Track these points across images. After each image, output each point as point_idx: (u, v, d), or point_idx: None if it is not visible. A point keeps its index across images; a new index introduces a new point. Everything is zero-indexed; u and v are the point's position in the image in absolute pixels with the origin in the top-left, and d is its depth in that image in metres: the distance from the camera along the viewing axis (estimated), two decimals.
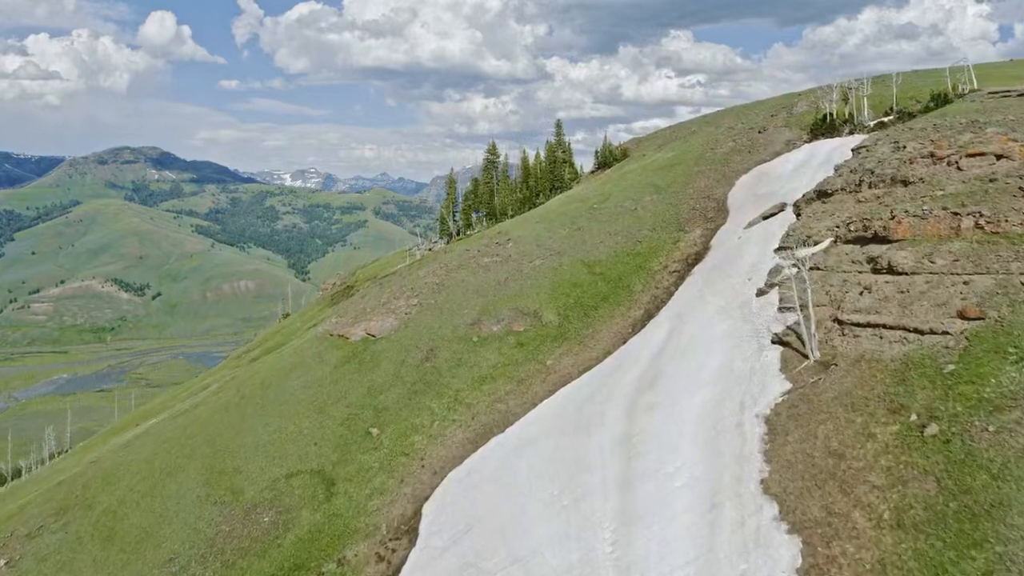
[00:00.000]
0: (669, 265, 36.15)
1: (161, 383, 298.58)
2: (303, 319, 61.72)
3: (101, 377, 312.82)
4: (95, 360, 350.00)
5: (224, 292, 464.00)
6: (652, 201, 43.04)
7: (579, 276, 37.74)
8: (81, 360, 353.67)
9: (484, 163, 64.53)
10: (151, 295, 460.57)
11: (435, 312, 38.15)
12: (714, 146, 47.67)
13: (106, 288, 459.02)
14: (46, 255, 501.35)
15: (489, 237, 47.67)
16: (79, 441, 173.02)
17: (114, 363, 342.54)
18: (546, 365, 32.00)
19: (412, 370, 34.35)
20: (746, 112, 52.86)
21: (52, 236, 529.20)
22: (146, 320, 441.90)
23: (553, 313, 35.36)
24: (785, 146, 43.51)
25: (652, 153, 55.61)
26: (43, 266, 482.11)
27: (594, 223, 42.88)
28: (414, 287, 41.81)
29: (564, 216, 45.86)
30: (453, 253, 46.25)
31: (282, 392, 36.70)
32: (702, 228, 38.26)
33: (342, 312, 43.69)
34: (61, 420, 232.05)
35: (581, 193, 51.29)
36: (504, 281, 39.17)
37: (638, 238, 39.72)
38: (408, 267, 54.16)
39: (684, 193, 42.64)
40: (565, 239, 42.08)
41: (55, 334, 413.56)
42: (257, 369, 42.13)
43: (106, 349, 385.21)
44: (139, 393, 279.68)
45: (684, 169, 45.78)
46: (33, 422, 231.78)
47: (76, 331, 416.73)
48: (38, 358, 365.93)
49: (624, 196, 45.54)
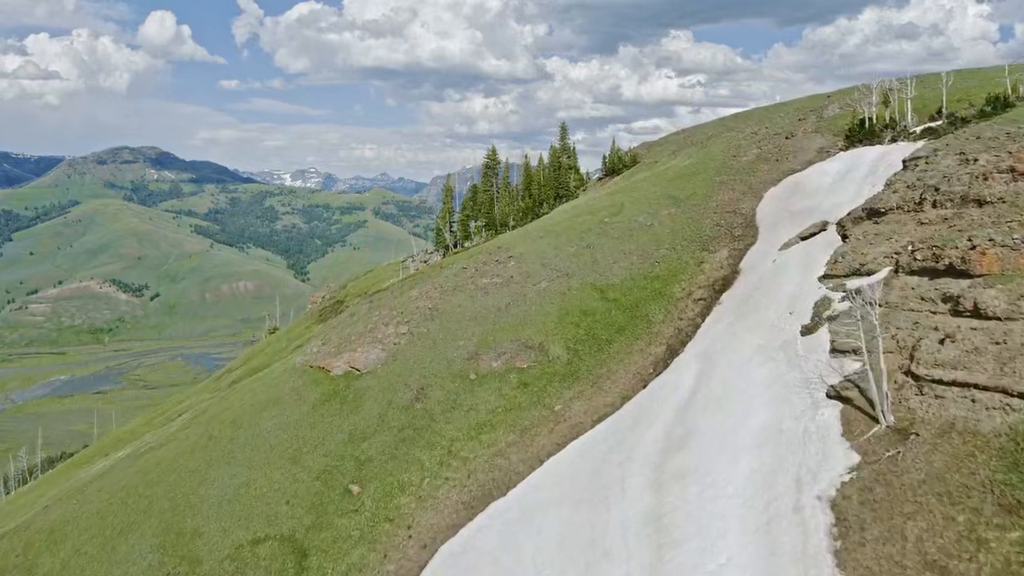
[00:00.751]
0: (693, 292, 31.74)
1: (159, 384, 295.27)
2: (289, 336, 57.40)
3: (99, 378, 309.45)
4: (93, 361, 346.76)
5: (223, 293, 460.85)
6: (670, 216, 38.62)
7: (590, 303, 33.34)
8: (79, 361, 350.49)
9: (483, 169, 60.13)
10: (149, 296, 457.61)
11: (427, 343, 33.76)
12: (736, 153, 43.25)
13: (104, 289, 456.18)
14: (44, 255, 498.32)
15: (488, 252, 43.27)
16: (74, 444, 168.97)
17: (112, 364, 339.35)
18: (554, 411, 27.62)
19: (400, 413, 29.98)
20: (769, 115, 48.44)
21: (50, 236, 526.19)
22: (144, 321, 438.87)
23: (561, 347, 30.97)
24: (818, 154, 39.12)
25: (666, 160, 51.18)
26: (41, 266, 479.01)
27: (605, 240, 38.46)
28: (404, 312, 37.41)
29: (571, 231, 41.45)
30: (448, 272, 41.85)
31: (254, 434, 32.32)
32: (729, 248, 33.84)
33: (324, 338, 39.31)
34: (58, 422, 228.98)
35: (589, 204, 46.86)
36: (505, 307, 34.77)
37: (656, 258, 35.31)
38: (400, 283, 49.78)
39: (706, 207, 38.23)
40: (573, 258, 37.67)
41: (53, 335, 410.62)
42: (230, 402, 37.77)
43: (104, 350, 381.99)
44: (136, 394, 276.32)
45: (705, 179, 41.36)
46: (29, 424, 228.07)
47: (74, 332, 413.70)
48: (35, 359, 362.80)
49: (638, 209, 41.13)
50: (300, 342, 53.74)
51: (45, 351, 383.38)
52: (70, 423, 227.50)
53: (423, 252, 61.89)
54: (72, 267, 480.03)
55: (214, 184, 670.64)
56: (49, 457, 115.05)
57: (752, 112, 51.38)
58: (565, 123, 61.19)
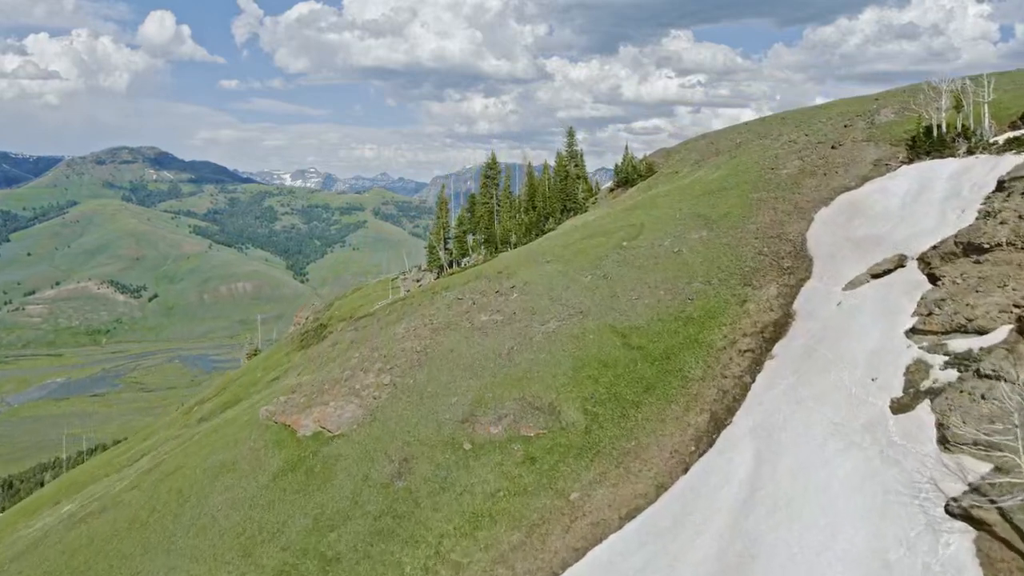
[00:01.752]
0: (737, 340, 25.86)
1: (156, 387, 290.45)
2: (266, 365, 51.62)
3: (96, 381, 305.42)
4: (90, 363, 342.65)
5: (221, 294, 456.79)
6: (702, 240, 32.72)
7: (610, 350, 27.48)
8: (75, 363, 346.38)
9: (482, 179, 54.30)
10: (148, 297, 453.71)
11: (413, 398, 27.93)
12: (774, 165, 37.39)
13: (102, 290, 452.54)
14: (42, 256, 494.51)
15: (487, 279, 37.44)
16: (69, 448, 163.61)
17: (109, 366, 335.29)
18: (569, 500, 21.79)
19: (377, 493, 24.16)
20: (808, 120, 42.54)
21: (48, 237, 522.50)
22: (142, 322, 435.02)
23: (576, 409, 25.13)
24: (874, 167, 33.29)
25: (688, 170, 45.30)
26: (39, 267, 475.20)
27: (625, 269, 32.58)
28: (388, 354, 31.57)
29: (584, 256, 35.58)
30: (441, 302, 36.01)
31: (201, 511, 26.53)
32: (777, 284, 27.97)
33: (294, 385, 33.48)
34: (54, 426, 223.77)
35: (602, 222, 40.98)
36: (507, 353, 28.93)
37: (688, 295, 29.42)
38: (388, 308, 43.94)
39: (744, 230, 32.34)
40: (588, 291, 31.80)
41: (50, 336, 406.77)
42: (183, 460, 31.97)
43: (101, 352, 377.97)
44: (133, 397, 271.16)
45: (739, 195, 35.50)
46: (25, 428, 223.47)
47: (71, 333, 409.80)
48: (32, 361, 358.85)
49: (662, 230, 35.24)
50: (277, 373, 47.97)
51: (42, 353, 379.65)
52: (65, 427, 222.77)
53: (416, 269, 56.22)
54: (70, 268, 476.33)
55: (213, 184, 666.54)
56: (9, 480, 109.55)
57: (786, 116, 45.47)
58: (572, 128, 55.44)
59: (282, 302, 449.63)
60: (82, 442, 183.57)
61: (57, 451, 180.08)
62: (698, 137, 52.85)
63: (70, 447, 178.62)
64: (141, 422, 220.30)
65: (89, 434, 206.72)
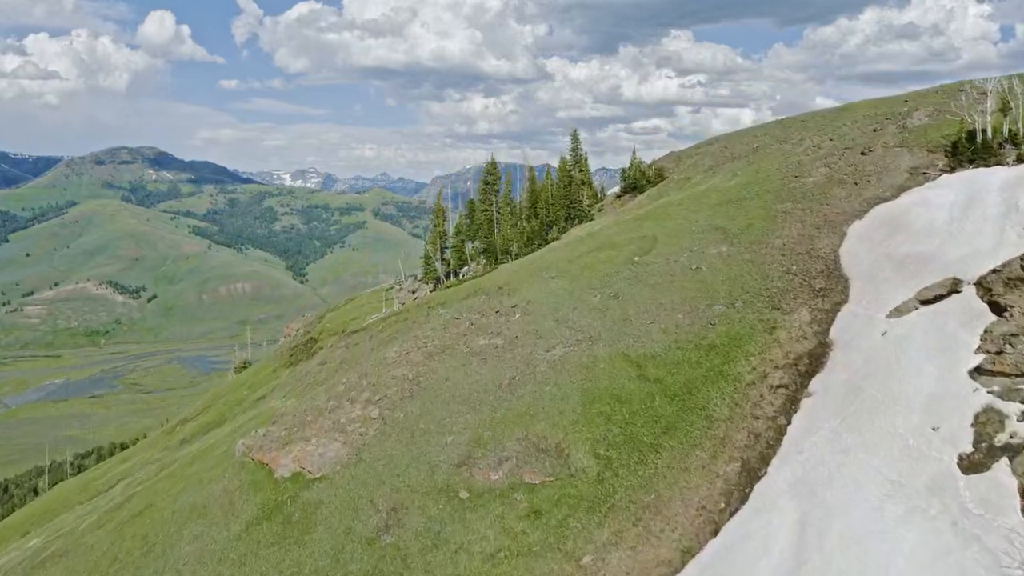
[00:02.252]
0: (768, 373, 22.93)
1: (155, 388, 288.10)
2: (253, 382, 48.76)
3: (94, 382, 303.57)
4: (88, 364, 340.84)
5: (220, 294, 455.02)
6: (721, 256, 29.77)
7: (624, 382, 24.55)
8: (74, 365, 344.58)
9: (481, 184, 51.36)
10: (147, 297, 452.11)
11: (403, 436, 25.02)
12: (798, 172, 34.46)
13: (101, 290, 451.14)
14: (40, 257, 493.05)
15: (487, 295, 34.55)
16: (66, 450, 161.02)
17: (107, 368, 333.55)
18: (581, 564, 18.87)
19: (362, 550, 21.24)
20: (831, 123, 39.54)
21: (47, 237, 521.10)
22: (141, 323, 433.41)
23: (587, 452, 22.22)
24: (910, 176, 30.37)
25: (701, 177, 42.35)
26: (37, 268, 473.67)
27: (638, 288, 29.63)
28: (377, 382, 28.65)
29: (592, 272, 32.65)
30: (436, 321, 33.10)
31: (166, 565, 23.61)
32: (810, 308, 25.02)
33: (275, 414, 30.56)
34: (52, 428, 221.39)
35: (610, 233, 38.05)
36: (508, 384, 26.01)
37: (709, 318, 26.48)
38: (381, 323, 41.07)
39: (768, 244, 29.40)
40: (597, 312, 28.87)
41: (48, 338, 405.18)
42: (149, 499, 29.08)
43: (100, 353, 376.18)
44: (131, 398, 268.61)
45: (761, 206, 32.57)
46: (23, 430, 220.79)
47: (69, 334, 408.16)
48: (30, 362, 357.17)
49: (677, 244, 32.29)
50: (263, 392, 45.10)
51: (40, 354, 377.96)
52: (63, 429, 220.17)
53: (412, 279, 53.31)
54: (69, 268, 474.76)
55: (213, 184, 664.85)
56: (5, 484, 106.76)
57: (807, 119, 42.45)
58: (576, 130, 52.35)
59: (281, 303, 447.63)
60: (78, 445, 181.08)
61: (54, 454, 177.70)
62: (710, 140, 49.83)
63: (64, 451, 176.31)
64: (139, 424, 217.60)
65: (87, 436, 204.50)
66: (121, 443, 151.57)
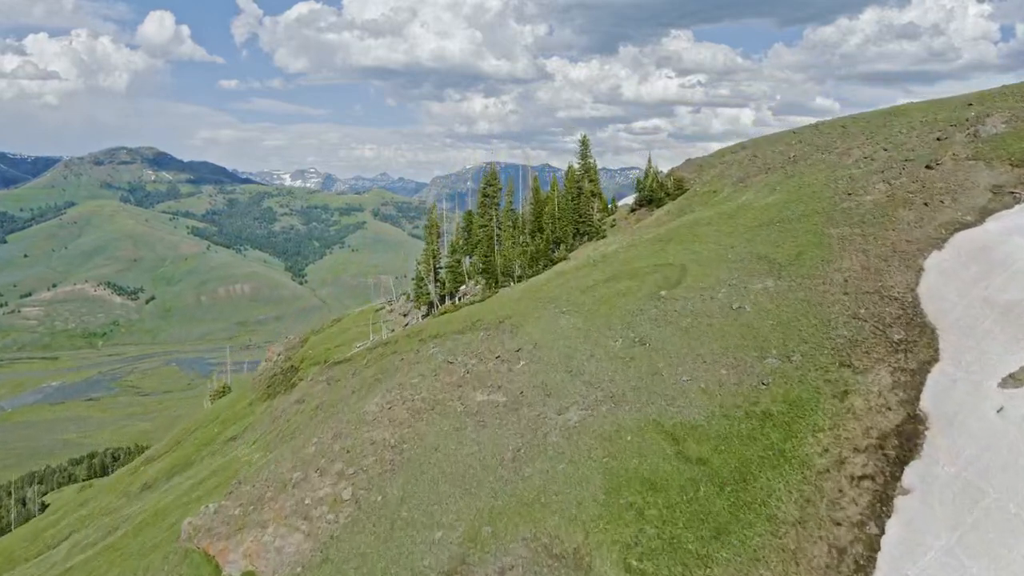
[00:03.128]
0: (846, 457, 17.82)
1: (152, 391, 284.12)
2: (226, 418, 43.75)
3: (91, 384, 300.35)
4: (86, 366, 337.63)
5: (219, 295, 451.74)
6: (768, 292, 24.66)
7: (658, 463, 19.46)
8: (71, 367, 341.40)
9: (480, 196, 46.15)
10: (145, 299, 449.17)
11: (381, 527, 19.95)
12: (851, 189, 29.38)
13: (99, 292, 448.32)
14: (38, 258, 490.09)
15: (486, 330, 29.51)
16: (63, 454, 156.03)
17: (105, 370, 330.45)
18: None
19: None
20: (880, 129, 34.30)
21: (45, 238, 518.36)
22: (139, 324, 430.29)
23: (615, 563, 17.14)
24: (993, 196, 25.33)
25: (730, 190, 37.22)
26: (35, 269, 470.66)
27: (668, 331, 24.53)
28: (352, 447, 23.58)
29: (609, 306, 27.54)
30: (426, 365, 28.01)
31: None
32: (890, 368, 19.91)
33: (232, 483, 25.45)
34: (48, 432, 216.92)
35: (628, 257, 32.93)
36: (512, 459, 20.93)
37: (760, 375, 21.37)
38: (363, 362, 36.03)
39: (826, 279, 24.30)
40: (619, 363, 23.77)
41: (46, 339, 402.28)
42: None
43: (98, 355, 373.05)
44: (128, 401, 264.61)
45: (810, 229, 27.49)
46: (18, 433, 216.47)
47: (67, 336, 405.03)
48: (27, 364, 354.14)
49: (711, 275, 27.18)
50: (236, 430, 40.08)
51: (37, 356, 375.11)
52: (60, 432, 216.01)
53: (403, 298, 48.10)
54: (67, 270, 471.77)
55: (212, 185, 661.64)
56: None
57: (847, 124, 37.10)
58: (585, 136, 47.12)
59: (280, 304, 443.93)
60: (74, 450, 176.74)
61: (50, 458, 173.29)
62: (735, 147, 44.59)
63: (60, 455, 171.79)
64: (136, 427, 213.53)
65: (83, 440, 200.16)
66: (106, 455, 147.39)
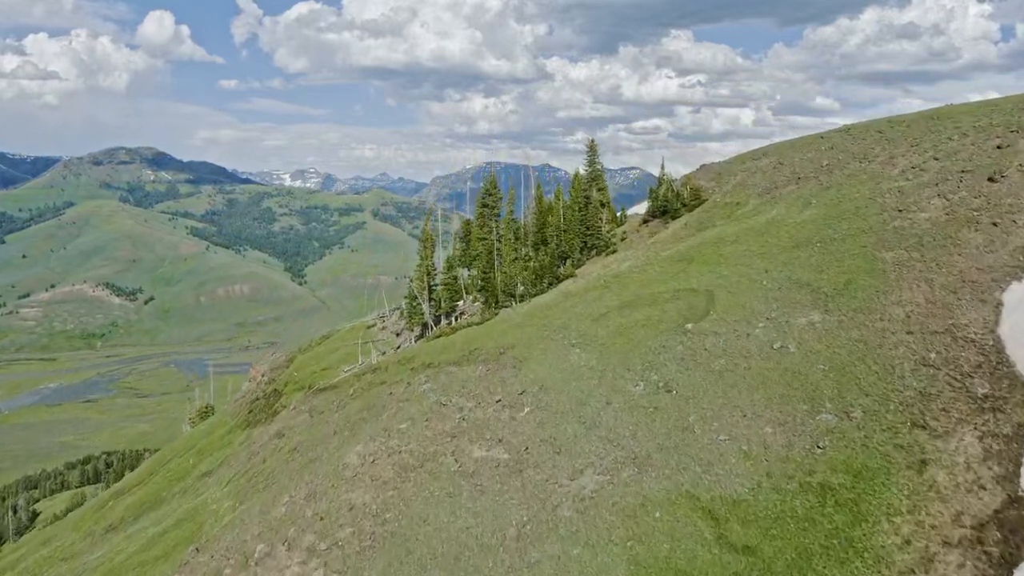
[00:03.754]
0: (935, 553, 14.19)
1: (150, 393, 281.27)
2: (203, 446, 40.20)
3: (89, 386, 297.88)
4: (84, 368, 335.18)
5: (218, 296, 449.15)
6: (815, 329, 21.04)
7: (695, 549, 15.85)
8: (69, 368, 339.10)
9: (478, 207, 42.38)
10: (143, 299, 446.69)
11: None
12: (901, 204, 25.73)
13: (97, 292, 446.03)
14: (37, 258, 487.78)
15: (485, 362, 25.91)
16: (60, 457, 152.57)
17: (103, 371, 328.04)
18: None
19: None
20: (927, 134, 30.52)
21: (44, 238, 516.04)
22: (138, 325, 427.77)
23: None
24: None
25: (756, 202, 33.51)
26: (33, 269, 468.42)
27: (698, 375, 20.90)
28: (327, 515, 19.96)
29: (626, 340, 23.91)
30: (415, 407, 24.40)
31: None
32: (976, 430, 16.30)
33: (187, 554, 21.86)
34: (45, 434, 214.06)
35: (645, 279, 29.29)
36: (516, 537, 17.32)
37: (812, 434, 17.75)
38: (349, 392, 32.43)
39: (884, 314, 20.69)
40: (642, 415, 20.15)
41: (44, 340, 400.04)
42: None
43: (96, 356, 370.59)
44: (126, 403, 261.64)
45: (857, 252, 23.86)
46: (15, 435, 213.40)
47: (65, 337, 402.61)
48: (25, 365, 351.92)
49: (744, 305, 23.55)
50: (211, 464, 36.52)
51: (35, 357, 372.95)
52: (57, 435, 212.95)
53: (396, 314, 44.38)
54: (65, 270, 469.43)
55: (211, 185, 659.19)
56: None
57: (884, 128, 33.21)
58: (594, 141, 43.31)
59: (280, 304, 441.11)
60: (71, 452, 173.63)
61: (47, 462, 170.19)
62: (756, 153, 40.87)
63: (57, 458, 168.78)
64: (133, 429, 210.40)
65: (81, 442, 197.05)
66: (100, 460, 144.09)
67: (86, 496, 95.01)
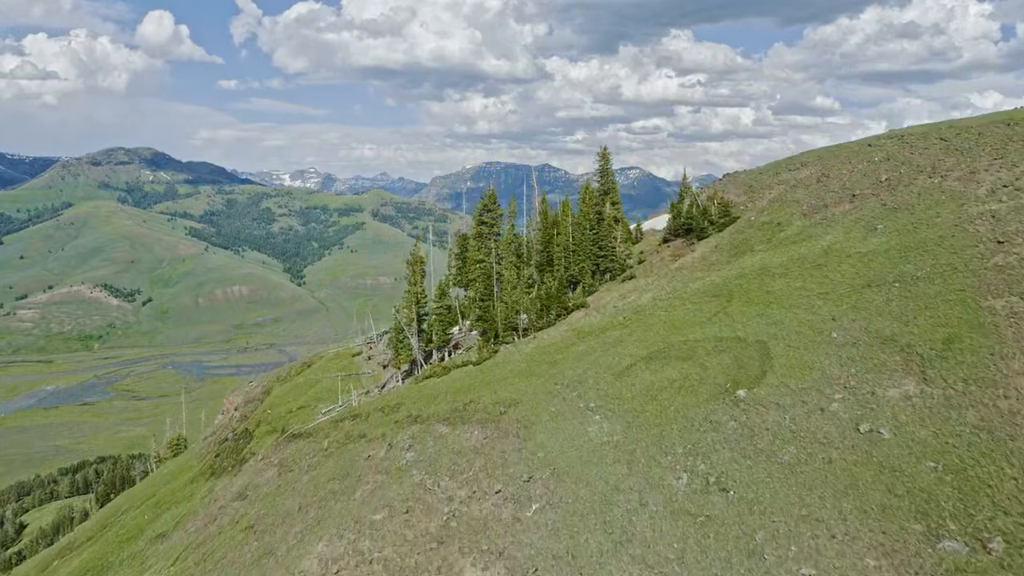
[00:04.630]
0: None
1: (148, 395, 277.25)
2: (162, 497, 35.21)
3: (86, 388, 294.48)
4: (81, 370, 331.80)
5: (217, 297, 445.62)
6: (914, 407, 16.02)
7: None
8: (67, 370, 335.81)
9: (475, 225, 37.11)
10: (141, 301, 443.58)
11: None
12: (999, 233, 20.58)
13: (95, 294, 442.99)
14: (35, 259, 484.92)
15: (481, 422, 20.91)
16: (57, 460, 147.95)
17: (101, 373, 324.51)
18: None
19: None
20: (1003, 143, 25.15)
21: (41, 239, 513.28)
22: (136, 327, 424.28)
23: None
24: None
25: (801, 223, 28.30)
26: (31, 270, 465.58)
27: (761, 467, 15.86)
28: None
29: (661, 408, 18.85)
30: (395, 488, 19.38)
31: None
32: None
33: None
34: (42, 437, 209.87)
35: (674, 319, 24.22)
36: None
37: (932, 571, 12.70)
38: (323, 444, 27.43)
39: (1006, 388, 15.69)
40: (690, 524, 15.12)
41: (41, 342, 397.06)
42: None
43: (93, 358, 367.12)
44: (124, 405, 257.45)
45: (953, 297, 18.84)
46: (11, 439, 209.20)
47: (63, 339, 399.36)
48: (22, 367, 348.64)
49: (811, 366, 18.49)
50: (166, 523, 31.52)
51: (32, 359, 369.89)
52: (54, 438, 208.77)
53: (385, 340, 39.28)
54: (63, 271, 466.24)
55: (210, 185, 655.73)
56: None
57: (949, 132, 27.84)
58: (606, 148, 38.33)
59: (279, 306, 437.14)
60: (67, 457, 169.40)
61: (42, 467, 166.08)
62: (792, 162, 35.47)
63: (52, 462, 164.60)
64: (131, 432, 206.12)
65: (77, 446, 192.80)
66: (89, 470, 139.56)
67: (73, 509, 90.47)
